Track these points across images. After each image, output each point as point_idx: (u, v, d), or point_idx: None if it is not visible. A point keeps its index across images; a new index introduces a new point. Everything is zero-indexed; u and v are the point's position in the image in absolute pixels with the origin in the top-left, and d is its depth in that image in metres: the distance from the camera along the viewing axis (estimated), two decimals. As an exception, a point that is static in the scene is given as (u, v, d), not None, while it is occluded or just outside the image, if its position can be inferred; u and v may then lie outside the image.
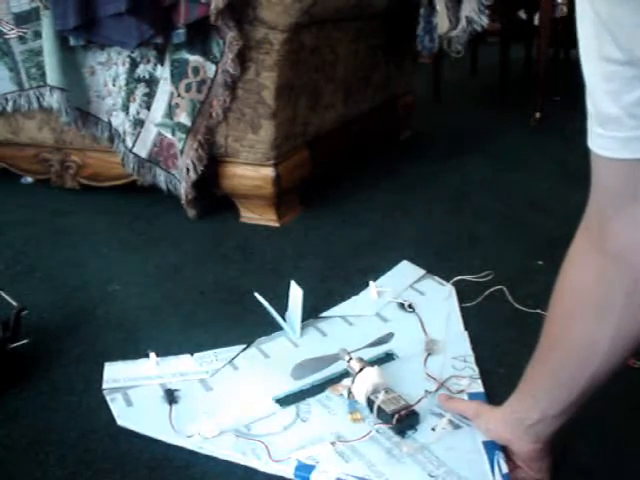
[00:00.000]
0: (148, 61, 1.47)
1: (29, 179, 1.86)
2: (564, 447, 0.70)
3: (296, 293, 1.02)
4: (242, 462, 0.75)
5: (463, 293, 1.14)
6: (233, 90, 1.41)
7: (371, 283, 1.15)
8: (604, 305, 0.57)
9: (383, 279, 1.20)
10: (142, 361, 0.95)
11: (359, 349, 0.93)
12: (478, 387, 0.87)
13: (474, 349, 0.96)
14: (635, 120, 0.49)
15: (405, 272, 1.23)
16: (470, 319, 1.06)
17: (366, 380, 0.82)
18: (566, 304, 0.61)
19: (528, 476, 0.70)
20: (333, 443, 0.76)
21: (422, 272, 1.22)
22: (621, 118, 0.50)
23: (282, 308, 1.06)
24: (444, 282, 1.18)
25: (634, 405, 0.82)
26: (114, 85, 1.53)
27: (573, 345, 0.61)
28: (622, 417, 0.80)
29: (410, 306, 1.08)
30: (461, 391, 0.86)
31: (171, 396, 0.86)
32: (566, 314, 0.61)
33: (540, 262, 1.29)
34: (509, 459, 0.72)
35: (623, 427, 0.80)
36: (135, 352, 0.99)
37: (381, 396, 0.79)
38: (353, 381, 0.83)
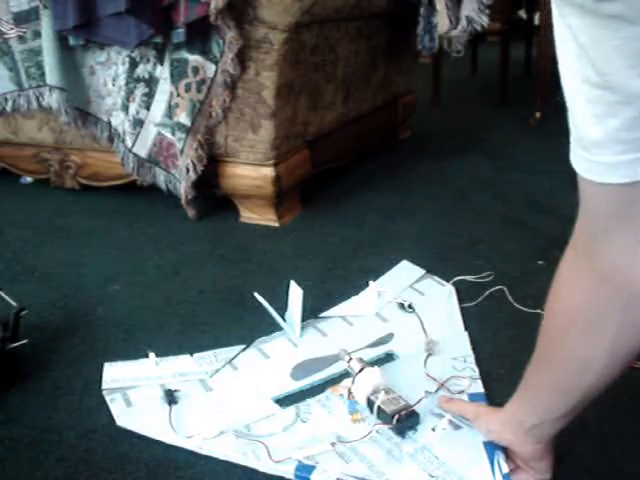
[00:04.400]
0: (148, 61, 1.46)
1: (28, 179, 1.86)
2: (565, 447, 0.69)
3: (296, 293, 1.02)
4: (242, 462, 0.75)
5: (463, 293, 1.14)
6: (233, 90, 1.40)
7: (371, 283, 1.15)
8: (598, 323, 0.57)
9: (383, 279, 1.20)
10: (142, 361, 0.95)
11: (359, 349, 0.93)
12: (478, 387, 0.87)
13: (474, 349, 0.96)
14: (621, 145, 0.47)
15: (405, 272, 1.23)
16: (470, 319, 1.06)
17: (366, 380, 0.82)
18: (559, 322, 0.61)
19: (529, 476, 0.70)
20: (333, 443, 0.76)
21: (422, 272, 1.22)
22: (606, 143, 0.48)
23: (282, 308, 1.06)
24: (444, 282, 1.18)
25: (635, 405, 0.82)
26: (114, 85, 1.53)
27: (568, 361, 0.61)
28: (623, 417, 0.80)
29: (410, 306, 1.08)
30: (461, 392, 0.86)
31: (171, 396, 0.86)
32: (559, 332, 0.61)
33: (540, 262, 1.29)
34: (510, 459, 0.72)
35: (624, 427, 0.80)
36: (135, 352, 0.98)
37: (381, 396, 0.79)
38: (353, 381, 0.83)
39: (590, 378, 0.59)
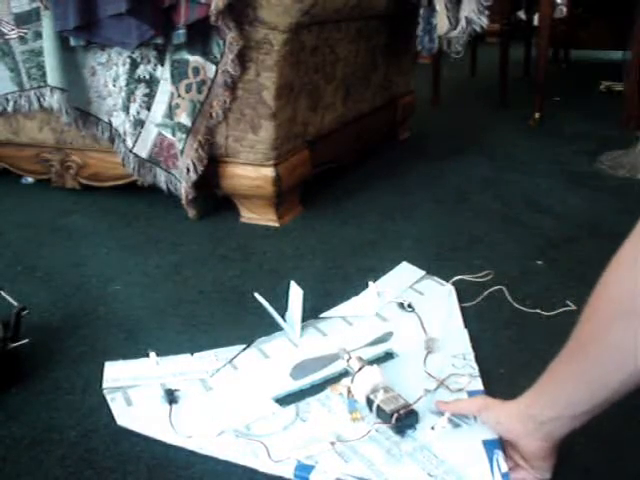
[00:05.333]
0: (148, 61, 1.47)
1: (30, 179, 1.86)
2: (565, 447, 0.70)
3: (296, 293, 1.02)
4: (242, 462, 0.75)
5: (463, 293, 1.14)
6: (233, 90, 1.41)
7: (371, 284, 1.15)
8: None
9: (383, 280, 1.20)
10: (142, 361, 0.96)
11: (358, 348, 0.93)
12: (478, 385, 0.87)
13: (473, 349, 0.96)
14: None
15: (405, 273, 1.23)
16: (470, 319, 1.06)
17: (365, 379, 0.82)
18: (611, 303, 0.59)
19: (528, 476, 0.70)
20: (333, 443, 0.76)
21: (422, 273, 1.22)
22: None
23: (282, 308, 1.06)
24: (443, 282, 1.18)
25: (635, 405, 0.82)
26: (114, 85, 1.53)
27: (610, 346, 0.59)
28: (623, 416, 0.80)
29: (410, 305, 1.08)
30: (460, 389, 0.86)
31: (171, 396, 0.86)
32: (608, 313, 0.60)
33: (540, 262, 1.29)
34: (508, 457, 0.72)
35: (624, 426, 0.80)
36: (135, 352, 0.99)
37: (380, 395, 0.79)
38: (352, 380, 0.83)
39: (624, 372, 0.58)
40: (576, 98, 3.04)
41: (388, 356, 0.95)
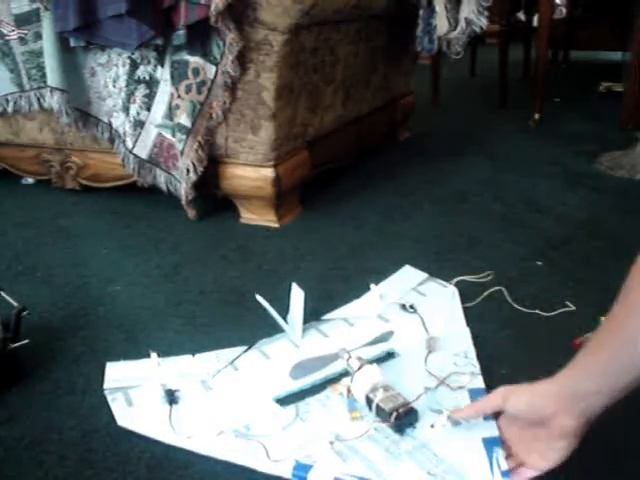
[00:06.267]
0: (148, 62, 1.47)
1: (30, 180, 1.86)
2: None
3: (297, 295, 1.02)
4: (241, 462, 0.75)
5: (463, 293, 1.14)
6: (233, 91, 1.41)
7: (372, 286, 1.15)
8: None
9: (385, 283, 1.19)
10: (143, 361, 0.96)
11: (359, 347, 0.93)
12: (479, 383, 0.87)
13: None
14: None
15: (407, 276, 1.22)
16: (469, 319, 1.06)
17: (365, 378, 0.82)
18: None
19: (528, 473, 0.70)
20: (332, 442, 0.76)
21: (424, 276, 1.22)
22: None
23: (282, 309, 1.06)
24: (446, 284, 1.18)
25: (635, 405, 0.82)
26: (114, 86, 1.54)
27: None
28: (623, 416, 0.81)
29: (412, 306, 1.08)
30: (461, 387, 0.86)
31: (171, 396, 0.86)
32: None
33: (539, 263, 1.29)
34: (509, 457, 0.72)
35: (623, 427, 0.80)
36: (136, 352, 0.99)
37: (379, 394, 0.79)
38: (352, 380, 0.83)
39: None
40: (576, 99, 3.04)
41: (389, 355, 0.95)
